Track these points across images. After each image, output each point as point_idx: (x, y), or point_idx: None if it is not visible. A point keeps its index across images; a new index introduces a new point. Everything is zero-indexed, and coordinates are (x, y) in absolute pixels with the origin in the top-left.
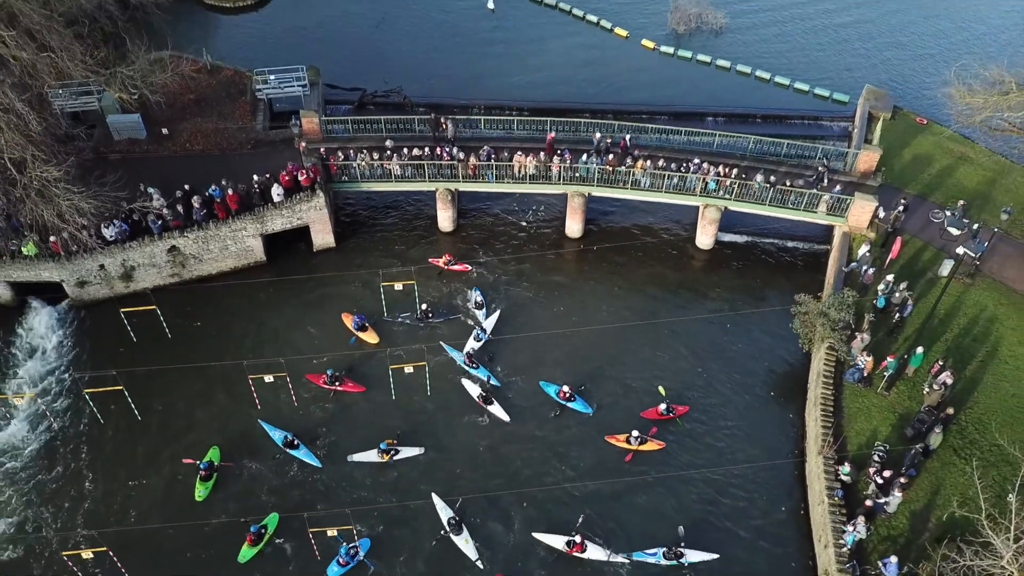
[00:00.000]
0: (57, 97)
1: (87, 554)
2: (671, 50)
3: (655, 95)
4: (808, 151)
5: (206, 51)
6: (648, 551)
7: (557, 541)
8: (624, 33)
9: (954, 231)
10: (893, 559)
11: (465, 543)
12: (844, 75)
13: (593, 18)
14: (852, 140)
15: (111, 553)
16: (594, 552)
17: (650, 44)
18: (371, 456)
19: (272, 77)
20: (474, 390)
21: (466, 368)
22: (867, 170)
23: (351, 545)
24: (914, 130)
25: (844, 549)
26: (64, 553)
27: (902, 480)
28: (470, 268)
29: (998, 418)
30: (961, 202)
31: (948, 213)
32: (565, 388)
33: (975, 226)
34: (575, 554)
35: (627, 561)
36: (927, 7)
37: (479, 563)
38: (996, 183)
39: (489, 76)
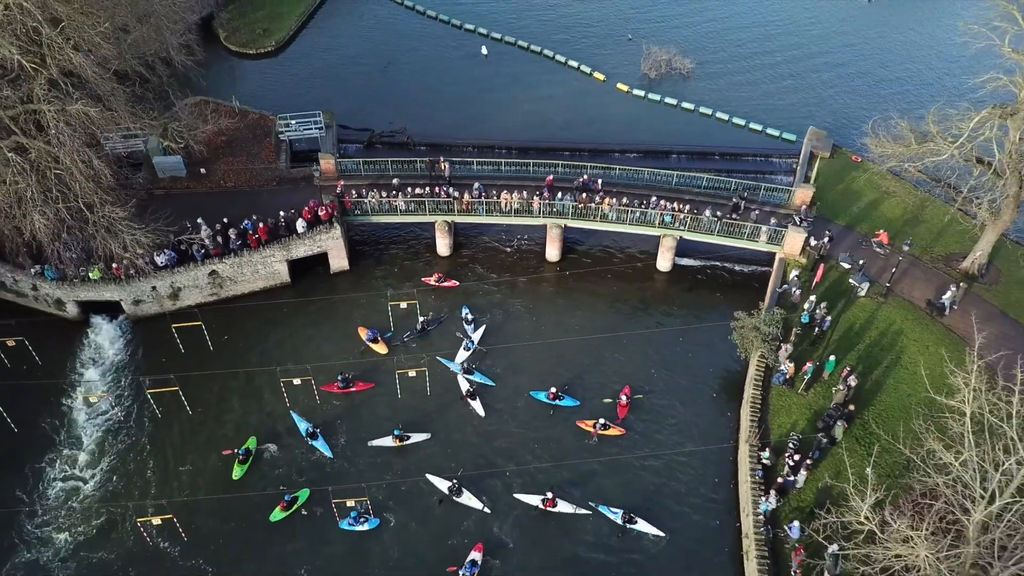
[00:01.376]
0: (109, 141)
1: (156, 520)
2: (643, 93)
3: (627, 134)
4: (753, 187)
5: (235, 97)
6: (612, 508)
7: (534, 499)
8: (602, 77)
9: (846, 265)
10: (796, 523)
11: (468, 499)
12: (793, 117)
13: (574, 63)
14: (796, 176)
15: (175, 520)
16: (564, 507)
17: (625, 87)
18: (387, 441)
19: (293, 122)
20: (464, 385)
21: (463, 375)
22: (802, 204)
23: (362, 512)
24: (849, 168)
25: (760, 517)
26: (138, 520)
27: (808, 462)
28: (458, 284)
29: (894, 414)
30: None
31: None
32: (553, 389)
33: (860, 262)
34: (549, 509)
35: (591, 513)
36: (873, 59)
37: (485, 508)
38: (914, 215)
39: (482, 116)
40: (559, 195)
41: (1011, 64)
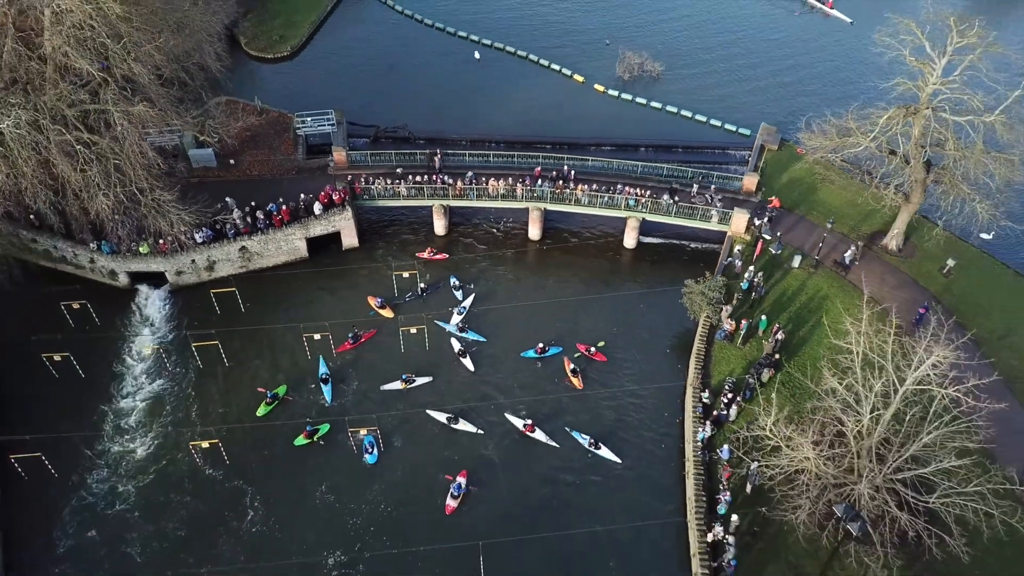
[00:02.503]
0: (149, 136)
1: (205, 444)
2: (617, 93)
3: (602, 129)
4: (708, 177)
5: (257, 97)
6: (582, 434)
7: (518, 422)
8: (580, 79)
9: (767, 237)
10: (726, 447)
11: (464, 426)
12: (749, 114)
13: (556, 66)
14: (748, 166)
15: (220, 444)
16: (540, 435)
17: (601, 88)
18: (395, 385)
19: (309, 119)
20: (457, 345)
21: (458, 334)
22: (749, 190)
23: (370, 441)
24: (794, 159)
25: (698, 443)
26: (191, 443)
27: (739, 400)
28: (447, 257)
29: (810, 360)
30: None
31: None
32: (540, 345)
33: (778, 234)
34: (528, 433)
35: (559, 447)
36: (820, 65)
37: (479, 431)
38: (844, 199)
39: (474, 113)
40: (539, 182)
41: (915, 71)
